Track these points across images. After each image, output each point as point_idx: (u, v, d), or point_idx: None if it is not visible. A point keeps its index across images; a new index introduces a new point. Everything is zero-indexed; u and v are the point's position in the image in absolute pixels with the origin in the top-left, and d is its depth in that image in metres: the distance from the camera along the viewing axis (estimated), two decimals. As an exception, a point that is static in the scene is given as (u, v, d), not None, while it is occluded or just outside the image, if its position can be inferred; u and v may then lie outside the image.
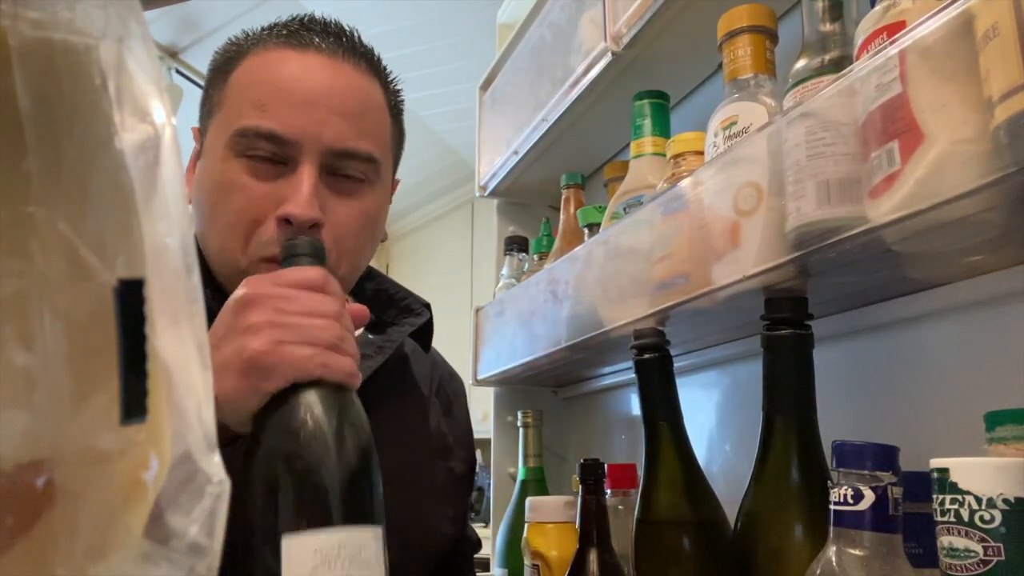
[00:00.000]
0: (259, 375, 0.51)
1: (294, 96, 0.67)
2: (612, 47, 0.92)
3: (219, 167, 0.68)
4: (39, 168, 0.20)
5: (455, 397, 0.92)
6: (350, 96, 0.70)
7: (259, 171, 0.67)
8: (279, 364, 0.50)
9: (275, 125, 0.66)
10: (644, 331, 0.74)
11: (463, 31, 2.66)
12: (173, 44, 2.82)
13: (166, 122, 0.24)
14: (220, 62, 0.73)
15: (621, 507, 0.81)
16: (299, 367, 0.51)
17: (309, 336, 0.52)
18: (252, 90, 0.68)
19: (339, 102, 0.68)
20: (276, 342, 0.51)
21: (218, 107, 0.70)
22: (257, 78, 0.69)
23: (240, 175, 0.67)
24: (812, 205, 0.54)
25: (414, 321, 0.83)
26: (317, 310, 0.53)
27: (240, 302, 0.53)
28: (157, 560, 0.22)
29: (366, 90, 0.72)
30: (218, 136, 0.69)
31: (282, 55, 0.70)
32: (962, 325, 0.65)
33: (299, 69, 0.69)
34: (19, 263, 0.20)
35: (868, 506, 0.46)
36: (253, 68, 0.70)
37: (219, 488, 0.24)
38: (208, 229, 0.69)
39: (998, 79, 0.41)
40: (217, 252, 0.69)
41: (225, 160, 0.67)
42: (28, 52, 0.20)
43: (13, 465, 0.19)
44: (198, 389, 0.24)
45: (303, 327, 0.52)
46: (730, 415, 0.93)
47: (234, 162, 0.67)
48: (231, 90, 0.70)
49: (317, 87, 0.68)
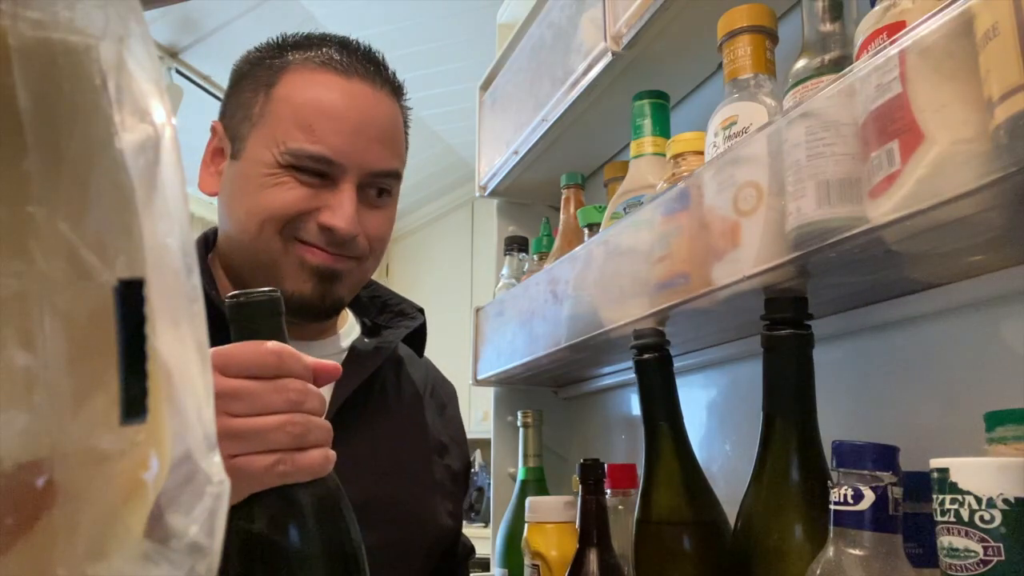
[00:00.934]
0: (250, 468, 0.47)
1: (343, 125, 0.74)
2: (612, 47, 0.92)
3: (264, 174, 0.73)
4: (39, 168, 0.20)
5: (448, 399, 0.96)
6: (387, 123, 0.78)
7: (304, 180, 0.73)
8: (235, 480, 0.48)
9: (326, 151, 0.73)
10: (644, 331, 0.74)
11: (463, 31, 2.66)
12: (173, 44, 2.82)
13: (166, 122, 0.24)
14: (255, 72, 0.78)
15: (621, 507, 0.81)
16: (257, 479, 0.47)
17: (264, 443, 0.47)
18: (301, 112, 0.74)
19: (378, 130, 0.76)
20: (228, 457, 0.45)
21: (261, 119, 0.75)
22: (304, 99, 0.75)
23: (287, 182, 0.73)
24: (812, 205, 0.54)
25: (408, 324, 0.88)
26: (271, 406, 0.48)
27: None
28: (157, 560, 0.22)
29: (395, 115, 0.80)
30: (263, 149, 0.74)
31: (327, 79, 0.76)
32: (962, 325, 0.65)
33: (346, 97, 0.76)
34: (19, 263, 0.20)
35: (868, 506, 0.46)
36: (298, 87, 0.75)
37: (219, 488, 0.24)
38: (245, 218, 0.74)
39: (998, 79, 0.41)
40: (253, 237, 0.73)
41: (271, 170, 0.73)
42: (28, 52, 0.20)
43: (13, 465, 0.19)
44: (198, 389, 0.24)
45: (256, 433, 0.47)
46: (730, 415, 0.93)
47: (280, 172, 0.73)
48: (275, 106, 0.75)
49: (362, 117, 0.75)
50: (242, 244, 0.75)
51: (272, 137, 0.74)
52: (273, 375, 0.48)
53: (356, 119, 0.75)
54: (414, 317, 0.89)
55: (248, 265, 0.76)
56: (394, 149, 0.79)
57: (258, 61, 0.78)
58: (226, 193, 0.77)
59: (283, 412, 0.48)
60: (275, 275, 0.74)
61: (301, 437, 0.48)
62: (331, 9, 2.62)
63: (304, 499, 0.48)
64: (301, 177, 0.73)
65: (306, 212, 0.73)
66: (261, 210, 0.73)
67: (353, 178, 0.75)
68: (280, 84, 0.75)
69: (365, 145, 0.75)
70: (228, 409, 0.46)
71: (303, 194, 0.73)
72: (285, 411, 0.48)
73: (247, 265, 0.76)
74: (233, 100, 0.79)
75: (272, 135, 0.74)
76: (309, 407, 0.49)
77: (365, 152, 0.75)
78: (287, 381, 0.49)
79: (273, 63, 0.77)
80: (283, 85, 0.75)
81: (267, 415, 0.47)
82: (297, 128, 0.73)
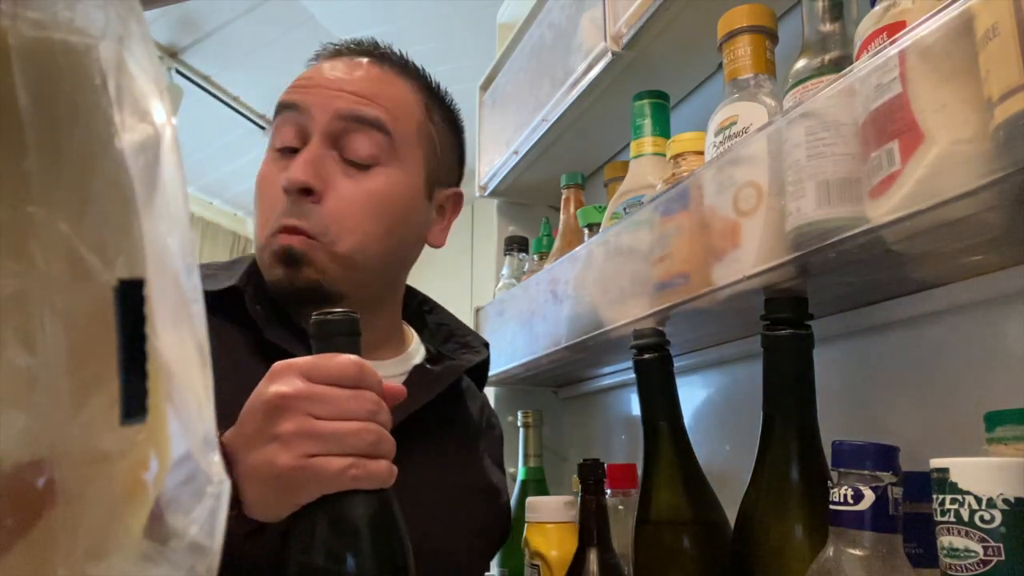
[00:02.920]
0: (289, 489, 0.49)
1: (312, 81, 0.73)
2: (612, 47, 0.92)
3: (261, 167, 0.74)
4: (39, 168, 0.20)
5: (497, 441, 0.91)
6: (366, 81, 0.73)
7: (280, 161, 0.71)
8: (310, 479, 0.49)
9: (292, 97, 0.72)
10: (644, 331, 0.74)
11: (463, 31, 2.66)
12: (173, 44, 2.82)
13: (166, 122, 0.24)
14: None
15: (621, 507, 0.81)
16: (331, 481, 0.49)
17: (341, 446, 0.49)
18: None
19: (353, 85, 0.72)
20: (306, 456, 0.49)
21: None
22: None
23: (269, 166, 0.72)
24: (812, 205, 0.54)
25: (471, 358, 0.82)
26: (351, 412, 0.50)
27: (270, 405, 0.50)
28: (157, 560, 0.22)
29: (387, 80, 0.74)
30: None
31: (314, 64, 0.77)
32: (962, 325, 0.65)
33: (323, 65, 0.74)
34: (19, 263, 0.20)
35: (868, 506, 0.46)
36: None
37: (219, 488, 0.24)
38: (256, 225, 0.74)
39: (998, 79, 0.41)
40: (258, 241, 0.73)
41: (266, 158, 0.74)
42: (28, 52, 0.20)
43: (13, 465, 0.19)
44: (198, 389, 0.24)
45: (335, 436, 0.49)
46: (730, 415, 0.93)
47: (267, 157, 0.73)
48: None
49: (338, 73, 0.73)
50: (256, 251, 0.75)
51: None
52: (353, 385, 0.51)
53: (329, 75, 0.72)
54: (479, 351, 0.84)
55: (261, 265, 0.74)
56: (374, 100, 0.71)
57: None
58: None
59: (360, 420, 0.50)
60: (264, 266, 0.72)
61: (374, 445, 0.50)
62: (331, 9, 2.61)
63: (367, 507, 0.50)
64: (280, 157, 0.72)
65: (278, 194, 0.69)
66: (257, 217, 0.73)
67: (321, 127, 0.70)
68: None
69: (332, 93, 0.71)
70: (311, 411, 0.49)
71: (275, 175, 0.71)
72: (362, 419, 0.50)
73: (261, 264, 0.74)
74: None
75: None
76: (381, 419, 0.52)
77: (331, 99, 0.70)
78: (365, 392, 0.51)
79: None
80: None
81: (346, 420, 0.50)
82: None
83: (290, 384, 0.50)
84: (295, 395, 0.49)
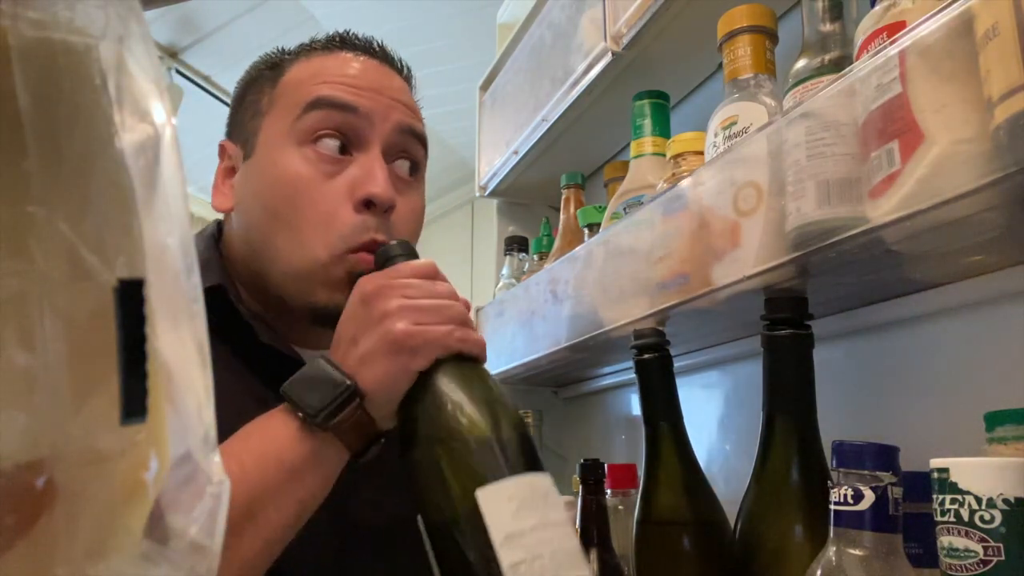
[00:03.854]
0: (407, 355, 0.53)
1: (360, 82, 0.68)
2: (612, 47, 0.92)
3: (281, 162, 0.65)
4: (39, 168, 0.20)
5: None
6: (406, 93, 0.72)
7: (325, 161, 0.65)
8: (424, 343, 0.53)
9: (350, 98, 0.66)
10: (644, 331, 0.74)
11: (463, 31, 2.66)
12: (173, 44, 2.82)
13: (166, 122, 0.24)
14: (259, 75, 0.72)
15: (621, 507, 0.81)
16: (442, 343, 0.54)
17: (442, 316, 0.55)
18: (316, 78, 0.67)
19: (399, 94, 0.70)
20: (416, 323, 0.54)
21: (271, 106, 0.68)
22: (316, 70, 0.68)
23: (306, 166, 0.65)
24: (812, 205, 0.54)
25: None
26: (440, 292, 0.57)
27: (365, 295, 0.56)
28: (157, 560, 0.22)
29: (409, 92, 0.74)
30: (276, 129, 0.67)
31: (336, 55, 0.70)
32: (962, 325, 0.65)
33: (359, 65, 0.69)
34: (19, 263, 0.20)
35: (868, 506, 0.46)
36: (307, 68, 0.69)
37: (219, 488, 0.24)
38: (274, 230, 0.65)
39: (998, 79, 0.41)
40: (291, 250, 0.64)
41: (286, 152, 0.65)
42: (28, 52, 0.20)
43: (13, 465, 0.19)
44: (198, 389, 0.24)
45: (434, 308, 0.55)
46: (730, 415, 0.93)
47: (296, 153, 0.65)
48: (284, 88, 0.68)
49: (380, 80, 0.69)
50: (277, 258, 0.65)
51: (286, 111, 0.66)
52: (435, 276, 0.58)
53: (373, 79, 0.68)
54: None
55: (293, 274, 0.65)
56: (417, 115, 0.71)
57: (257, 71, 0.73)
58: (244, 197, 0.68)
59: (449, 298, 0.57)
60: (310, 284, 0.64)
61: (465, 318, 0.57)
62: (331, 9, 2.61)
63: (479, 371, 0.55)
64: (322, 157, 0.65)
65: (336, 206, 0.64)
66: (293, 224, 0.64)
67: (379, 139, 0.66)
68: (286, 74, 0.69)
69: (388, 102, 0.68)
70: (405, 293, 0.55)
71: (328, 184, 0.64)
72: (450, 297, 0.57)
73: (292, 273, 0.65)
74: (238, 112, 0.72)
75: (286, 109, 0.67)
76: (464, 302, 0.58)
77: (389, 108, 0.67)
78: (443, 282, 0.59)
79: (274, 65, 0.71)
80: (289, 73, 0.69)
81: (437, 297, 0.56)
82: (315, 87, 0.66)
83: (378, 281, 0.56)
84: (388, 284, 0.56)
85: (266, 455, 0.53)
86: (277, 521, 0.52)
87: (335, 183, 0.65)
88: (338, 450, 0.55)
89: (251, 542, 0.51)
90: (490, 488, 0.47)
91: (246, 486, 0.51)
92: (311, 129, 0.65)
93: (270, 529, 0.52)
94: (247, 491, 0.51)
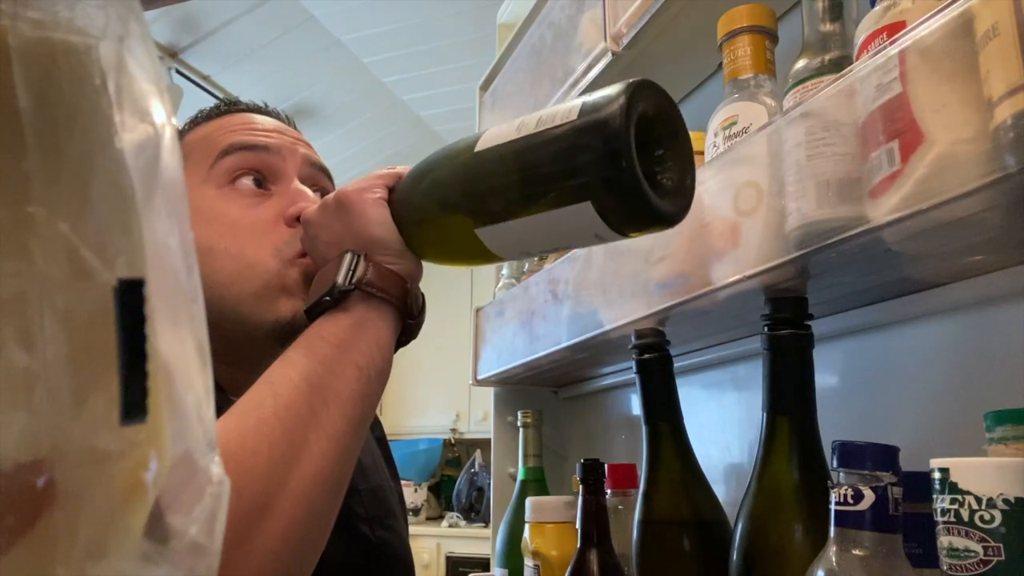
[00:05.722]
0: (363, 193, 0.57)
1: (260, 125, 0.71)
2: (612, 47, 0.92)
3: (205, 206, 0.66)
4: (39, 168, 0.20)
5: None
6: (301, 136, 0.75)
7: (247, 196, 0.67)
8: (368, 183, 0.58)
9: (260, 139, 0.69)
10: (644, 331, 0.74)
11: (463, 31, 2.66)
12: (173, 44, 2.82)
13: (166, 122, 0.24)
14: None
15: (621, 507, 0.81)
16: (380, 175, 0.58)
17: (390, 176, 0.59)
18: (218, 132, 0.70)
19: (297, 135, 0.74)
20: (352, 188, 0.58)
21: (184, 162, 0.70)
22: (215, 127, 0.70)
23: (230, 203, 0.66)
24: (812, 205, 0.54)
25: None
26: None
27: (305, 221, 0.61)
28: (157, 560, 0.22)
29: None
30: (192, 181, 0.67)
31: (229, 115, 0.73)
32: (962, 325, 0.65)
33: (258, 117, 0.73)
34: (19, 263, 0.20)
35: (868, 506, 0.46)
36: (208, 127, 0.71)
37: (219, 488, 0.24)
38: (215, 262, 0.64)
39: (998, 79, 0.41)
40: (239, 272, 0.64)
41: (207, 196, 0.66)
42: (28, 52, 0.20)
43: (13, 465, 0.19)
44: (198, 389, 0.24)
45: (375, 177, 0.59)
46: (730, 415, 0.93)
47: (217, 195, 0.66)
48: (191, 147, 0.69)
49: (278, 125, 0.73)
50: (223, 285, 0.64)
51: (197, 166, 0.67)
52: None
53: (272, 124, 0.72)
54: None
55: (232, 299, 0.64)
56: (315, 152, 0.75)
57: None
58: None
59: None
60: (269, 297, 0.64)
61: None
62: (331, 9, 2.62)
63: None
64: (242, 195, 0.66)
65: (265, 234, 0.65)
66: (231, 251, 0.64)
67: (293, 171, 0.69)
68: (188, 135, 0.71)
69: (291, 141, 0.71)
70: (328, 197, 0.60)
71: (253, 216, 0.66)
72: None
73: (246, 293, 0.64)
74: None
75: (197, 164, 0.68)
76: None
77: (295, 144, 0.71)
78: None
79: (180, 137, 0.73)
80: (191, 135, 0.71)
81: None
82: (219, 141, 0.68)
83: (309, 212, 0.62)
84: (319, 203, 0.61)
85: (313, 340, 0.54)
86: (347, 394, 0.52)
87: (262, 210, 0.66)
88: (379, 308, 0.56)
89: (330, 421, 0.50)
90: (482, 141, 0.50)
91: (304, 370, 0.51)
92: (227, 171, 0.67)
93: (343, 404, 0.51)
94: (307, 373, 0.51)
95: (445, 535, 3.64)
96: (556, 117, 0.46)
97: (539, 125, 0.47)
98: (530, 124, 0.48)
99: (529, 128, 0.48)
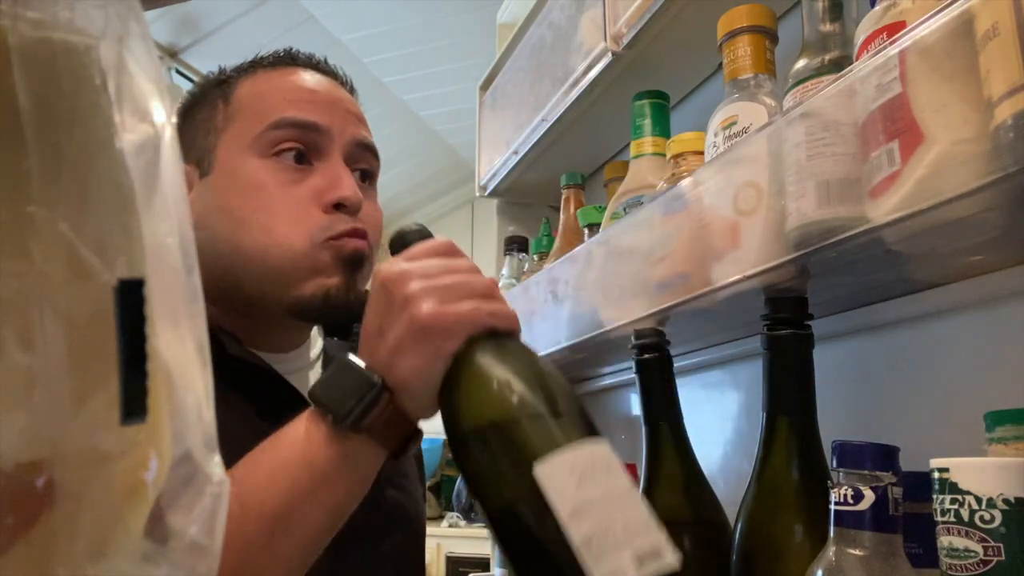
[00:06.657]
0: (437, 338, 0.50)
1: (317, 96, 0.70)
2: (612, 47, 0.92)
3: (245, 172, 0.67)
4: (39, 168, 0.20)
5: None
6: (355, 107, 0.74)
7: (287, 170, 0.67)
8: (453, 323, 0.50)
9: (313, 117, 0.68)
10: (644, 331, 0.74)
11: (463, 31, 2.66)
12: (173, 44, 2.82)
13: (166, 122, 0.24)
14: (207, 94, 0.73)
15: (621, 507, 0.81)
16: (472, 320, 0.50)
17: (468, 291, 0.51)
18: (272, 95, 0.69)
19: (350, 107, 0.72)
20: (442, 302, 0.50)
21: (227, 123, 0.69)
22: (271, 86, 0.70)
23: (271, 175, 0.66)
24: (812, 205, 0.54)
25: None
26: (462, 268, 0.53)
27: (385, 284, 0.52)
28: (157, 560, 0.22)
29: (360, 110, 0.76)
30: (236, 143, 0.68)
31: (286, 70, 0.72)
32: (962, 325, 0.65)
33: (312, 79, 0.72)
34: (19, 263, 0.20)
35: (868, 506, 0.46)
36: (260, 82, 0.71)
37: (219, 488, 0.24)
38: (244, 235, 0.66)
39: (998, 79, 0.41)
40: (265, 249, 0.65)
41: (249, 163, 0.67)
42: (28, 52, 0.20)
43: (13, 465, 0.19)
44: (198, 389, 0.24)
45: (458, 284, 0.51)
46: (730, 415, 0.93)
47: (259, 164, 0.67)
48: (239, 104, 0.70)
49: (332, 93, 0.71)
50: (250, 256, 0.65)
51: (245, 129, 0.68)
52: (454, 252, 0.55)
53: (328, 93, 0.71)
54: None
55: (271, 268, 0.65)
56: (367, 126, 0.73)
57: (203, 90, 0.74)
58: (206, 211, 0.68)
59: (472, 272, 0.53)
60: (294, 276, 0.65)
61: (492, 290, 0.53)
62: (331, 9, 2.61)
63: (517, 344, 0.51)
64: (284, 167, 0.67)
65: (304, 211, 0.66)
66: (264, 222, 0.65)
67: (340, 150, 0.69)
68: (238, 88, 0.71)
69: (344, 115, 0.70)
70: (426, 274, 0.51)
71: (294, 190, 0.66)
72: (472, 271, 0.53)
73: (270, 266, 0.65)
74: (187, 132, 0.72)
75: (245, 127, 0.68)
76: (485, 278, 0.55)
77: (345, 122, 0.70)
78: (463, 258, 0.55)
79: (222, 83, 0.72)
80: (242, 87, 0.71)
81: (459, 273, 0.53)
82: (272, 108, 0.68)
83: (396, 265, 0.53)
84: (409, 268, 0.52)
85: (296, 462, 0.51)
86: (311, 528, 0.51)
87: (300, 189, 0.66)
88: (372, 450, 0.52)
89: (286, 550, 0.50)
90: (548, 462, 0.44)
91: (276, 493, 0.50)
92: (273, 143, 0.67)
93: (304, 536, 0.51)
94: (277, 499, 0.50)
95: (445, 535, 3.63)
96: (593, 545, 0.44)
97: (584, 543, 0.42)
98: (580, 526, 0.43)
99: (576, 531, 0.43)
